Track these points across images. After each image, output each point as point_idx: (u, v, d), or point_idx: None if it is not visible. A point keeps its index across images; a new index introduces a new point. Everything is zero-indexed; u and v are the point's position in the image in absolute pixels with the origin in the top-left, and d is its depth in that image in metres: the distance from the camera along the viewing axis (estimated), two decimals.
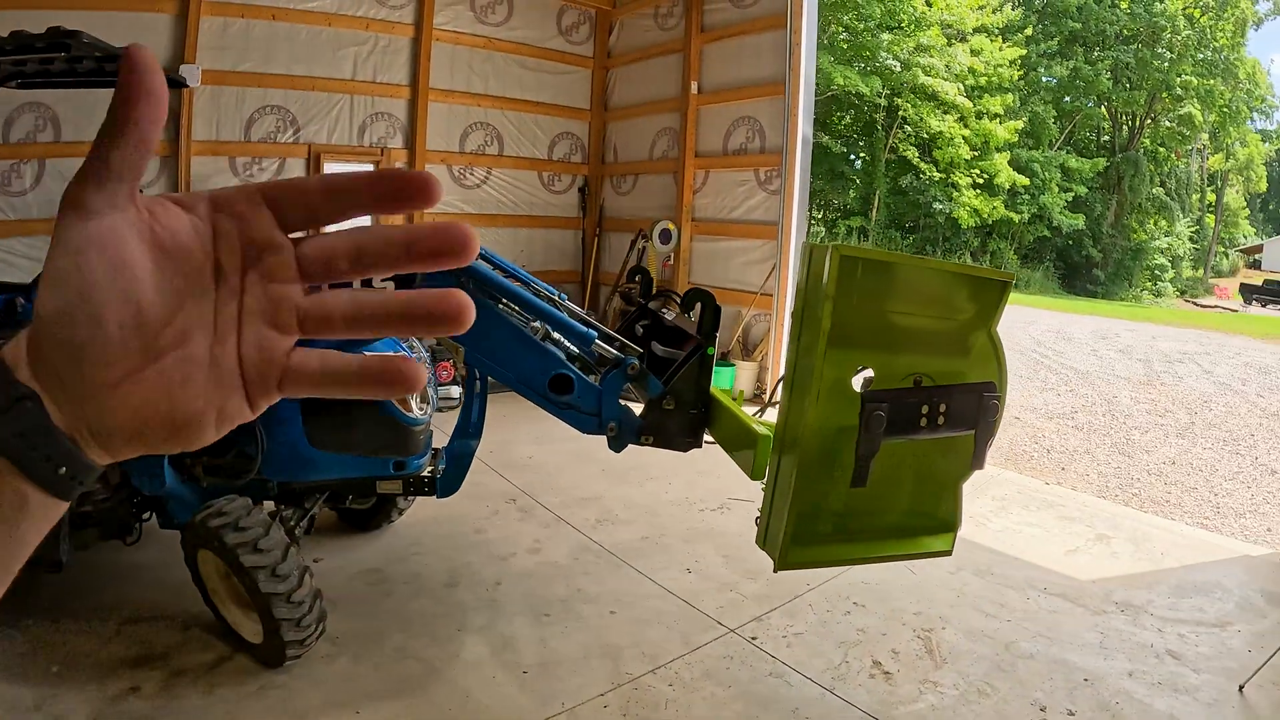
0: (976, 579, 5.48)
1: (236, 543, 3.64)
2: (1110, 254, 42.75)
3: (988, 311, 3.06)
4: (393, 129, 10.34)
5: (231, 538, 3.65)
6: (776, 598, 4.97)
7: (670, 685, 4.03)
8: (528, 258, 11.47)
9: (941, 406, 2.96)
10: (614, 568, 5.33)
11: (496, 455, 7.26)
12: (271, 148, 9.49)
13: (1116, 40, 41.29)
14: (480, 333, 3.59)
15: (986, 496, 7.18)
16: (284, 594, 3.66)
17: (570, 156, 12.01)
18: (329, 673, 3.94)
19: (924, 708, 3.98)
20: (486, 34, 10.95)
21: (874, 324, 2.92)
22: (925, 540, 3.35)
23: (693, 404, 3.54)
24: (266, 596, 3.64)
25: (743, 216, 9.78)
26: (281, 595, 3.66)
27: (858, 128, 40.37)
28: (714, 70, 10.24)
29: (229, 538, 3.65)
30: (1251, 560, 6.21)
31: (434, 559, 5.30)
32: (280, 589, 3.65)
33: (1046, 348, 18.38)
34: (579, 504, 6.38)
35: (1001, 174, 37.66)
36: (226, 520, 3.71)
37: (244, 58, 9.11)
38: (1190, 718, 4.00)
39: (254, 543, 3.66)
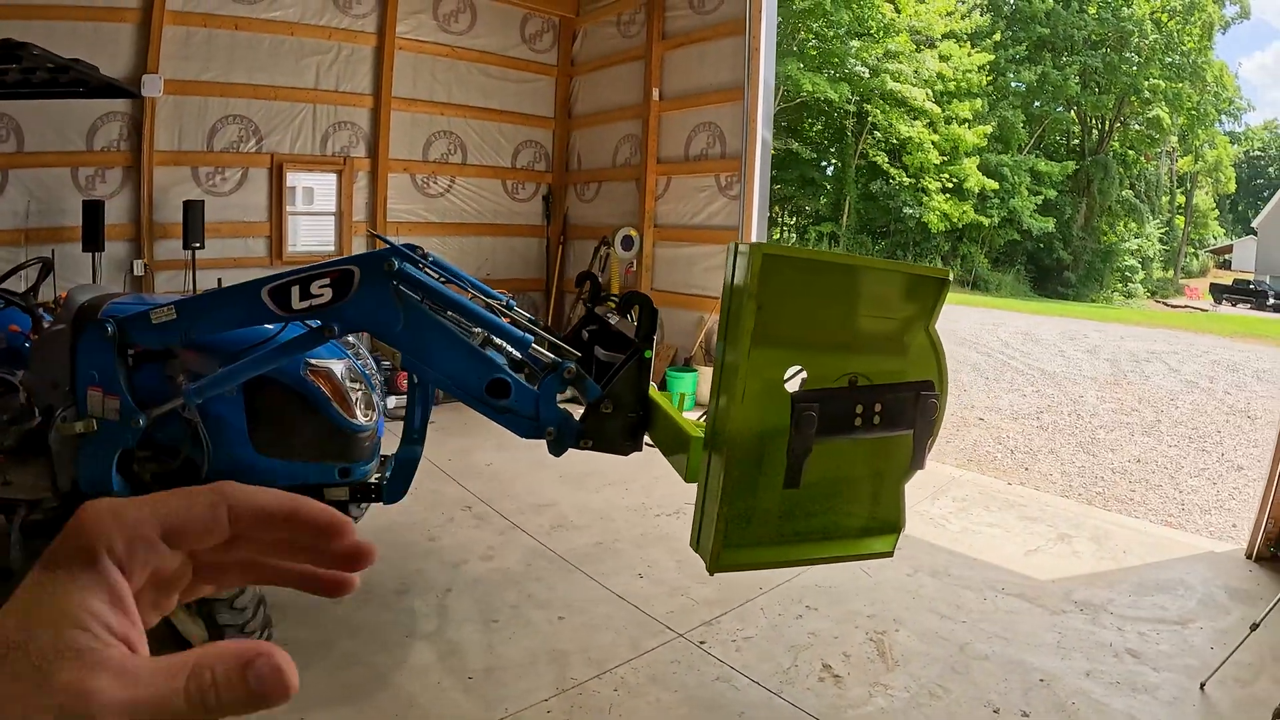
0: (933, 580, 5.47)
1: None
2: (1081, 256, 43.06)
3: (925, 310, 3.04)
4: (355, 138, 10.29)
5: None
6: (728, 602, 4.95)
7: (615, 690, 4.01)
8: (492, 266, 11.48)
9: (876, 406, 2.94)
10: (565, 573, 5.30)
11: (455, 463, 7.24)
12: (234, 157, 9.43)
13: (1084, 45, 41.61)
14: (415, 338, 3.58)
15: (947, 498, 7.18)
16: (226, 600, 3.64)
17: (534, 164, 11.98)
18: None
19: (873, 710, 3.96)
20: (449, 42, 10.91)
21: (804, 323, 2.89)
22: (866, 542, 3.32)
23: (631, 407, 3.53)
24: (209, 603, 3.61)
25: (704, 222, 9.78)
26: (224, 602, 3.64)
27: (828, 134, 40.60)
28: (675, 77, 10.26)
29: None
30: (1216, 557, 6.20)
31: (386, 566, 5.26)
32: (223, 595, 3.62)
33: (1014, 349, 18.44)
34: (534, 510, 6.36)
35: (971, 178, 37.94)
36: None
37: (206, 67, 9.05)
38: (1149, 717, 3.98)
39: None
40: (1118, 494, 8.80)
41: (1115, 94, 42.05)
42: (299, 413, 4.32)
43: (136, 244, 8.80)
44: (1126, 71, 40.76)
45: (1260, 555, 6.06)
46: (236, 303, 3.72)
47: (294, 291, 3.58)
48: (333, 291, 3.54)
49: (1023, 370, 15.90)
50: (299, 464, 4.40)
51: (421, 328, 3.56)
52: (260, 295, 3.60)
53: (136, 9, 8.44)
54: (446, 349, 3.58)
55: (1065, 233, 42.35)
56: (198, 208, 8.61)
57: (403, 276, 3.50)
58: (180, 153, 9.03)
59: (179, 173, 9.05)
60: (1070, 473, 9.45)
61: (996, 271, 42.02)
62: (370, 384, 4.61)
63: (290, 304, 3.58)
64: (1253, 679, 4.33)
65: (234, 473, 4.26)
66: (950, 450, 10.11)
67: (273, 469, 4.35)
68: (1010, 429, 11.35)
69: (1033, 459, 9.96)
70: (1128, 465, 9.91)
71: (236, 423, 4.24)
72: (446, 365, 3.60)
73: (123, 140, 8.65)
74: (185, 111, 9.01)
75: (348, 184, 10.21)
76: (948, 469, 8.54)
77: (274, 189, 9.67)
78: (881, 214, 39.94)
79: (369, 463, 4.64)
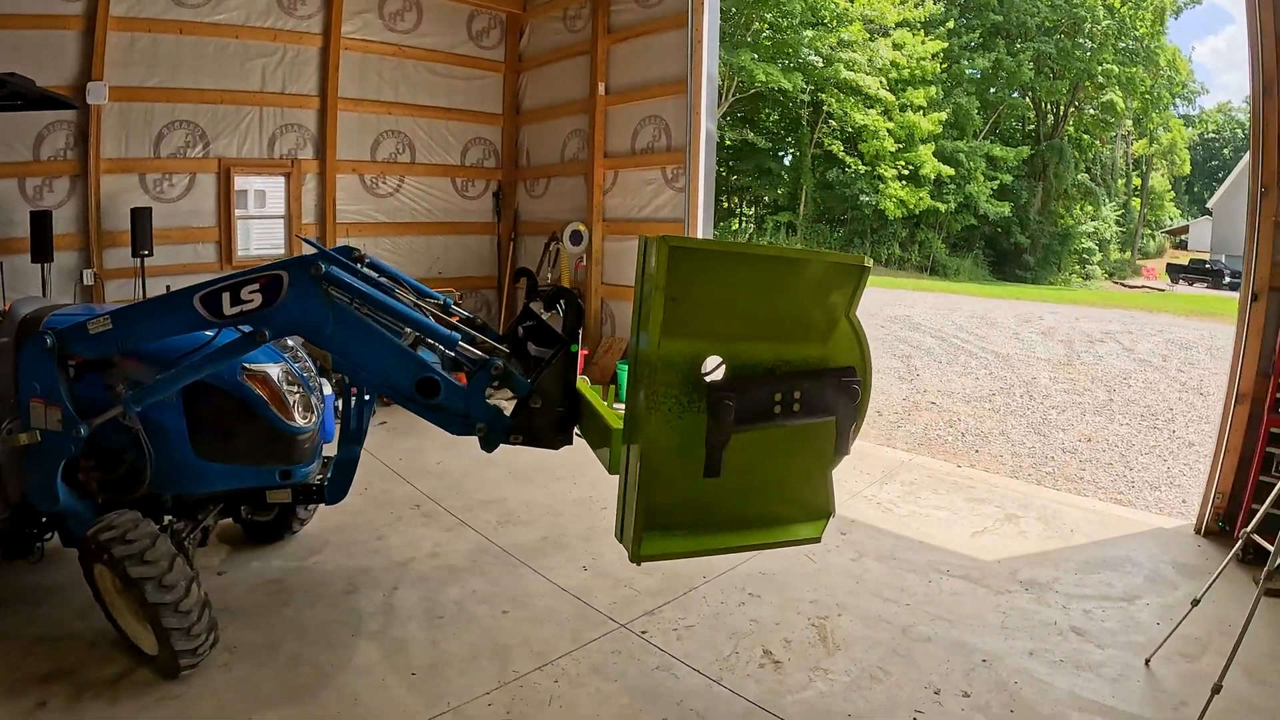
0: (878, 565, 5.52)
1: (123, 555, 3.65)
2: (1038, 240, 43.39)
3: (845, 297, 3.08)
4: (303, 140, 10.22)
5: (119, 550, 3.66)
6: (670, 592, 4.98)
7: (556, 681, 4.03)
8: (444, 265, 11.45)
9: (796, 394, 2.98)
10: (511, 568, 5.31)
11: (405, 462, 7.24)
12: (182, 163, 9.33)
13: (1038, 31, 41.84)
14: (344, 339, 3.61)
15: (895, 482, 7.24)
16: (171, 604, 3.67)
17: (483, 162, 11.93)
18: (226, 681, 3.92)
19: (813, 695, 4.00)
20: (396, 41, 10.84)
21: (721, 314, 2.91)
22: (794, 528, 3.36)
23: (558, 401, 3.56)
24: (154, 607, 3.65)
25: (651, 215, 9.78)
26: (169, 605, 3.66)
27: (784, 124, 40.77)
28: (621, 71, 10.25)
29: (116, 550, 3.66)
30: (1164, 533, 6.27)
31: (334, 567, 5.26)
32: (167, 599, 3.66)
33: (968, 333, 18.54)
34: (482, 507, 6.36)
35: (927, 165, 38.22)
36: (115, 534, 3.72)
37: (152, 73, 8.94)
38: (1093, 694, 4.03)
39: (141, 554, 3.67)
40: (1068, 473, 8.90)
41: (1069, 79, 42.41)
42: (238, 417, 4.35)
43: (86, 253, 8.69)
44: (1080, 57, 41.06)
45: (1209, 530, 6.15)
46: (170, 311, 3.77)
47: (225, 298, 3.62)
48: (262, 296, 3.60)
49: (976, 353, 15.99)
50: (239, 467, 4.44)
51: (350, 329, 3.60)
52: (193, 302, 3.64)
53: (80, 16, 8.32)
54: (375, 349, 3.62)
55: (1022, 217, 42.67)
56: (145, 214, 8.51)
57: (330, 279, 3.53)
58: (127, 160, 8.92)
59: (126, 180, 8.94)
60: (1020, 454, 9.54)
61: (954, 257, 42.29)
62: (308, 386, 4.62)
63: (222, 310, 3.63)
64: (1199, 654, 4.40)
65: (177, 478, 4.30)
66: (900, 435, 10.20)
67: (214, 473, 4.38)
68: (962, 411, 11.45)
69: (983, 441, 10.05)
70: (1078, 444, 10.02)
71: (177, 429, 4.26)
72: (375, 365, 3.64)
73: (69, 149, 8.54)
74: (131, 118, 8.90)
75: (296, 186, 10.14)
76: (897, 453, 8.62)
77: (222, 193, 9.59)
78: (838, 202, 40.10)
79: (310, 464, 4.68)
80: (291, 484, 4.60)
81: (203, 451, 4.32)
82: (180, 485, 4.38)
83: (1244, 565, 5.26)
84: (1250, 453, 5.88)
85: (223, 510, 4.84)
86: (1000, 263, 43.72)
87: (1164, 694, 4.07)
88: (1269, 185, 5.77)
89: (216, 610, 4.03)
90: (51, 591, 4.66)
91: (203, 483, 4.41)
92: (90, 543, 3.75)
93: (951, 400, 12.13)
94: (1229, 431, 6.09)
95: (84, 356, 3.97)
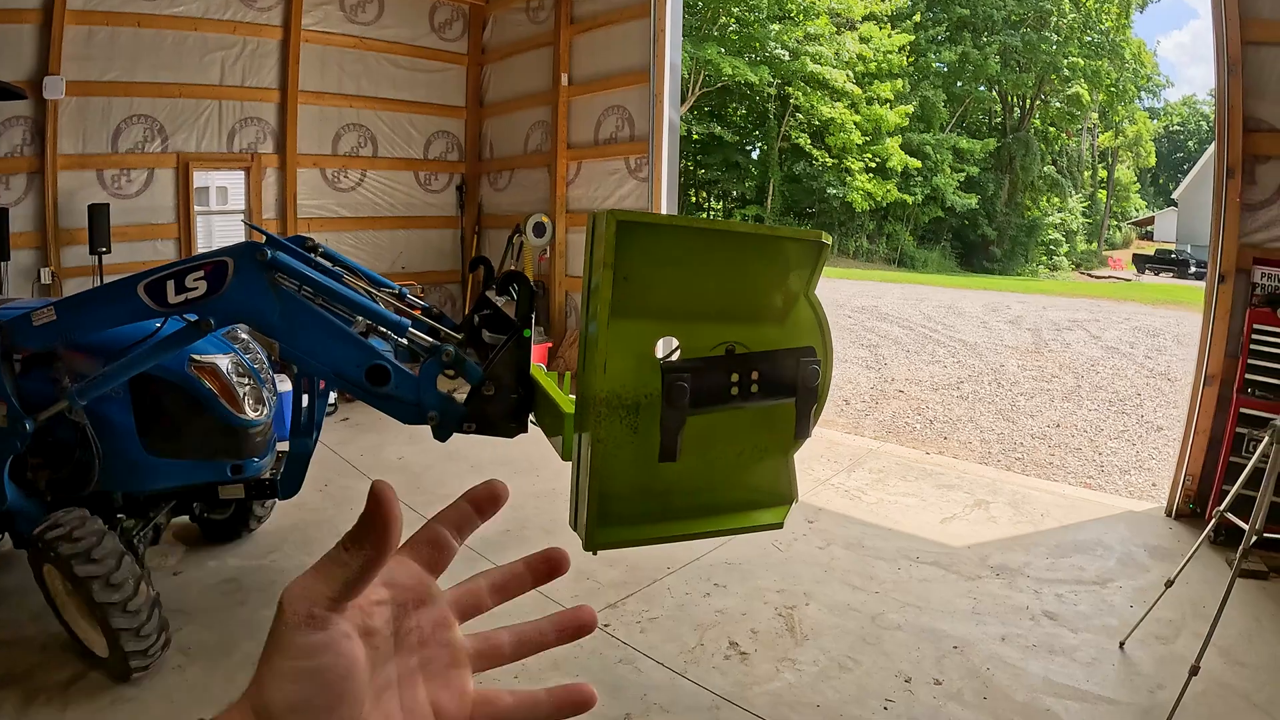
0: (846, 552, 5.47)
1: (70, 554, 3.55)
2: (1005, 231, 43.69)
3: (804, 275, 3.01)
4: (263, 134, 10.07)
5: (65, 549, 3.57)
6: (634, 583, 4.91)
7: (516, 677, 3.91)
8: (407, 260, 11.31)
9: (754, 375, 2.90)
10: (470, 564, 5.08)
11: (366, 458, 7.13)
12: (140, 158, 9.16)
13: (1004, 25, 42.14)
14: (291, 327, 3.49)
15: (864, 469, 7.20)
16: (119, 603, 3.58)
17: (447, 155, 11.80)
18: (179, 683, 3.85)
19: (780, 686, 3.94)
20: (357, 33, 10.70)
21: (674, 293, 2.82)
22: (755, 514, 3.26)
23: (512, 388, 3.47)
24: (102, 606, 3.56)
25: (615, 206, 9.59)
26: (117, 605, 3.58)
27: (752, 118, 40.92)
28: (584, 61, 10.16)
29: (63, 549, 3.57)
30: (1135, 516, 6.28)
31: (291, 565, 5.14)
32: (115, 598, 3.57)
33: (936, 322, 18.62)
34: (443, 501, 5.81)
35: (894, 157, 38.51)
36: (61, 532, 3.62)
37: (109, 66, 8.77)
38: (1067, 679, 4.00)
39: (87, 553, 3.57)
40: (1037, 459, 8.90)
41: (1035, 72, 42.74)
42: (186, 411, 4.26)
43: (43, 251, 8.52)
44: (1046, 50, 41.40)
45: (1180, 512, 6.18)
46: (114, 300, 3.65)
47: (169, 286, 3.51)
48: (208, 284, 3.49)
49: (944, 342, 16.05)
50: (189, 462, 4.34)
51: (297, 316, 3.49)
52: (136, 290, 3.53)
53: (37, 9, 8.14)
54: (323, 337, 3.51)
55: (989, 209, 42.98)
56: (103, 211, 8.35)
57: (277, 265, 3.43)
58: (85, 156, 8.75)
59: (84, 176, 8.77)
60: (989, 440, 9.54)
61: (922, 249, 42.57)
62: (259, 379, 4.51)
63: (167, 298, 3.52)
64: (1173, 636, 4.38)
65: (126, 474, 4.21)
66: (869, 423, 10.17)
67: (163, 469, 4.30)
68: (930, 399, 11.44)
69: (952, 428, 10.04)
70: (1047, 430, 10.04)
71: (125, 423, 4.17)
72: (324, 353, 3.53)
73: (26, 145, 8.36)
74: (89, 113, 8.73)
75: (256, 181, 9.99)
76: (865, 441, 8.59)
77: (181, 189, 9.43)
78: (806, 195, 40.34)
79: (263, 458, 4.57)
80: (243, 479, 4.48)
81: (151, 447, 4.22)
82: (129, 482, 4.27)
83: (1216, 547, 5.27)
84: (1220, 434, 5.90)
85: (176, 507, 4.72)
86: (968, 254, 44.02)
87: (1139, 677, 4.05)
88: (1234, 167, 5.78)
89: (171, 611, 3.97)
90: (3, 595, 4.56)
91: (152, 479, 4.30)
92: (37, 542, 3.65)
93: (920, 388, 12.12)
94: (1198, 413, 6.11)
95: (29, 349, 3.85)
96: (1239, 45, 5.68)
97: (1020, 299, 24.49)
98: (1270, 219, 5.80)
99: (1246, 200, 5.83)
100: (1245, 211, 5.84)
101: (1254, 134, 5.78)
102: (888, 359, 14.35)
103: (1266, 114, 5.74)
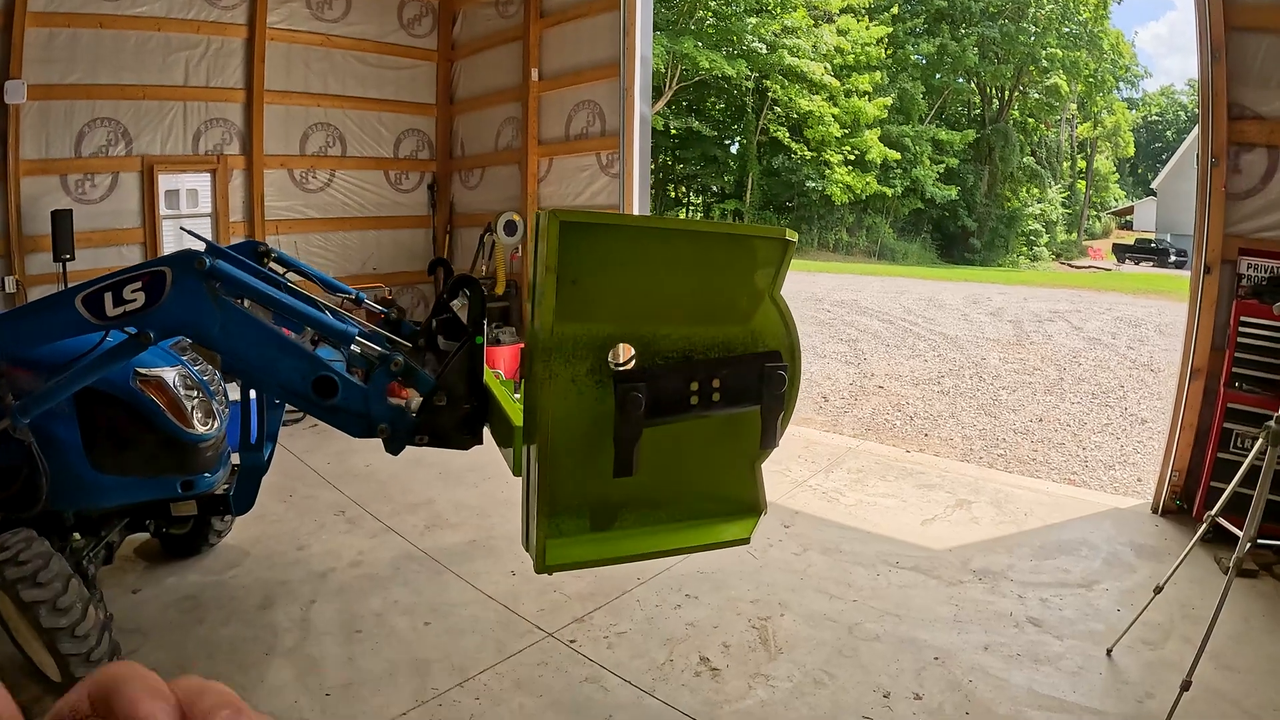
0: (823, 558, 5.33)
1: (15, 577, 3.44)
2: (985, 223, 43.84)
3: (769, 274, 2.85)
4: (229, 135, 9.88)
5: (11, 572, 3.45)
6: (601, 595, 4.76)
7: (477, 698, 3.80)
8: (378, 260, 11.13)
9: (715, 382, 2.75)
10: (435, 575, 5.07)
11: (332, 466, 6.96)
12: (104, 162, 8.96)
13: (982, 16, 42.30)
14: (233, 339, 3.35)
15: (842, 469, 7.07)
16: (67, 628, 3.46)
17: (417, 153, 11.61)
18: None
19: (752, 704, 3.80)
20: (324, 31, 10.51)
21: (626, 295, 2.67)
22: (720, 528, 3.11)
23: (465, 398, 3.33)
24: (50, 631, 3.44)
25: (587, 202, 9.52)
26: (64, 630, 3.46)
27: (730, 112, 41.04)
28: (554, 56, 10.00)
29: (9, 573, 3.45)
30: (1120, 513, 6.16)
31: (251, 580, 4.99)
32: (62, 623, 3.46)
33: (916, 315, 18.56)
34: (409, 510, 6.11)
35: (873, 150, 38.67)
36: (7, 555, 3.50)
37: (71, 69, 8.56)
38: (1052, 689, 3.87)
39: (33, 576, 3.45)
40: (1020, 455, 8.80)
41: (1014, 63, 42.98)
42: (132, 426, 4.14)
43: (7, 259, 8.32)
44: (1024, 41, 41.66)
45: (1166, 509, 6.06)
46: (52, 314, 3.51)
47: (107, 298, 3.37)
48: (146, 295, 3.35)
49: (925, 336, 15.98)
50: (138, 480, 4.23)
51: (238, 328, 3.36)
52: (74, 304, 3.39)
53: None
54: (266, 349, 3.38)
55: (969, 200, 43.15)
56: (66, 217, 8.15)
57: (216, 274, 3.27)
58: (48, 160, 8.55)
59: (47, 182, 8.57)
60: (971, 436, 9.44)
61: (902, 241, 42.68)
62: (208, 391, 4.36)
63: (105, 311, 3.39)
64: (1162, 640, 4.26)
65: (73, 492, 4.08)
66: (847, 420, 10.07)
67: (112, 486, 4.18)
68: (910, 395, 11.33)
69: (933, 424, 9.93)
70: (1030, 425, 9.95)
71: (71, 440, 4.05)
72: (267, 365, 3.40)
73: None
74: (51, 117, 8.53)
75: (222, 183, 9.80)
76: (844, 439, 8.47)
77: (146, 193, 9.24)
78: (784, 189, 40.40)
79: (215, 473, 4.43)
80: (194, 495, 4.34)
81: (99, 464, 4.09)
82: (78, 500, 4.14)
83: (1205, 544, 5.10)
84: (1206, 429, 5.78)
85: (129, 525, 4.60)
86: (948, 246, 44.17)
87: (1127, 685, 3.93)
88: (1219, 155, 5.67)
89: (127, 631, 3.91)
90: None
91: (101, 497, 4.18)
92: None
93: (900, 383, 12.02)
94: (1184, 408, 6.01)
95: None
96: (1223, 30, 5.56)
97: (1001, 290, 24.51)
98: (1256, 208, 5.68)
99: (1231, 189, 5.71)
100: (1230, 201, 5.72)
101: (1239, 121, 5.65)
102: (867, 354, 14.27)
103: (1251, 100, 5.62)
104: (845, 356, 14.01)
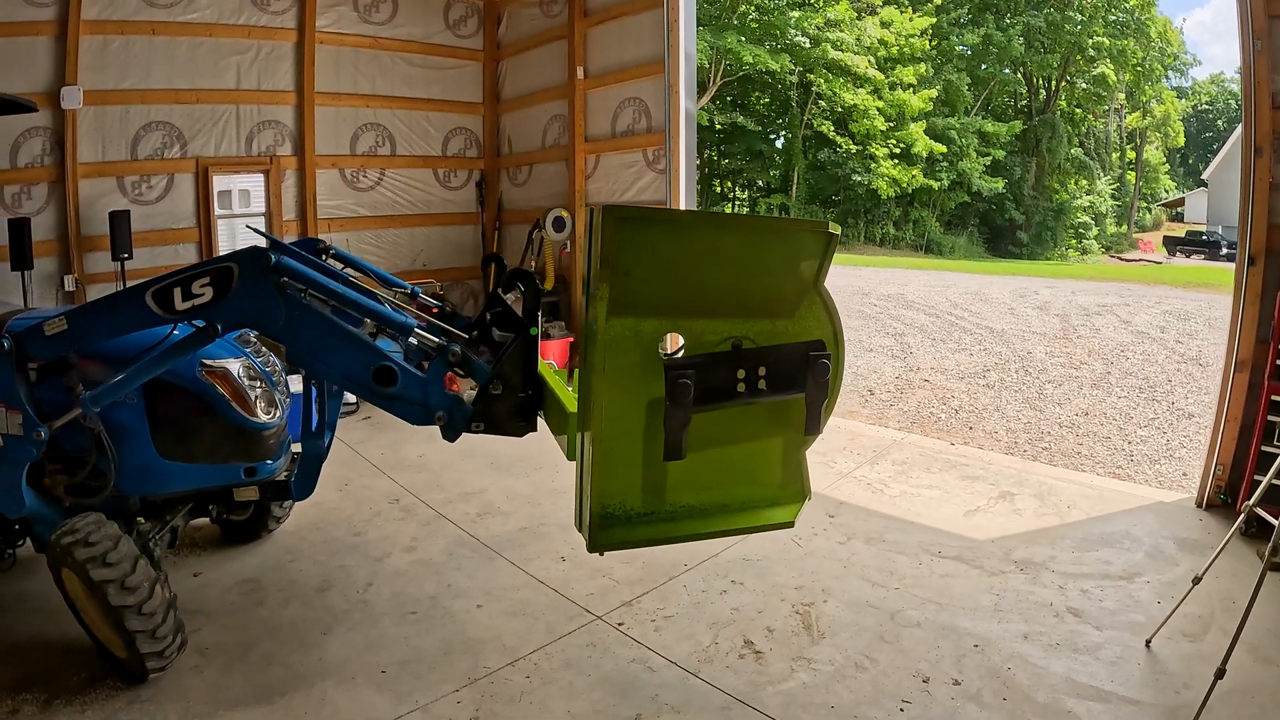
0: (866, 547, 5.39)
1: (85, 558, 3.58)
2: (1033, 215, 43.39)
3: (813, 265, 2.95)
4: (281, 136, 10.08)
5: (81, 553, 3.59)
6: (650, 580, 4.87)
7: (528, 677, 3.92)
8: (427, 257, 11.29)
9: (761, 370, 2.85)
10: (487, 561, 5.21)
11: (386, 456, 7.13)
12: (159, 164, 9.18)
13: (1027, 5, 41.83)
14: (298, 331, 3.53)
15: (886, 461, 7.12)
16: (134, 606, 3.60)
17: (465, 151, 11.77)
18: (196, 684, 3.86)
19: (794, 686, 3.88)
20: (371, 33, 10.68)
21: (676, 287, 2.78)
22: (766, 513, 3.21)
23: (520, 387, 3.47)
24: (118, 610, 3.58)
25: (634, 198, 9.61)
26: (132, 607, 3.60)
27: (774, 106, 40.89)
28: (599, 54, 10.10)
29: (79, 554, 3.59)
30: (1164, 507, 6.11)
31: (309, 565, 5.16)
32: (130, 601, 3.59)
33: (963, 309, 18.44)
34: (462, 499, 6.24)
35: (918, 143, 38.36)
36: (77, 537, 3.65)
37: (126, 75, 8.79)
38: (1090, 678, 3.90)
39: (103, 557, 3.59)
40: (1064, 448, 8.77)
41: (1060, 53, 42.44)
42: (199, 415, 4.29)
43: (66, 259, 8.56)
44: (1070, 30, 41.13)
45: (1210, 503, 6.00)
46: (123, 309, 3.70)
47: (176, 293, 3.55)
48: (214, 290, 3.53)
49: (971, 330, 15.89)
50: (203, 466, 4.38)
51: (302, 321, 3.54)
52: (145, 299, 3.58)
53: (52, 21, 8.16)
54: (329, 340, 3.55)
55: (1016, 193, 42.72)
56: (124, 218, 8.37)
57: (282, 269, 3.44)
58: (104, 164, 8.78)
59: (104, 184, 8.81)
60: (1015, 429, 9.41)
61: (949, 234, 42.33)
62: (271, 381, 4.52)
63: (174, 306, 3.56)
64: (1201, 633, 4.26)
65: (141, 478, 4.24)
66: (893, 413, 10.08)
67: (178, 472, 4.33)
68: (956, 389, 11.31)
69: (978, 417, 9.92)
70: (1075, 419, 9.89)
71: (139, 428, 4.20)
72: (330, 356, 3.56)
73: (46, 155, 8.39)
74: (107, 121, 8.76)
75: (275, 183, 10.00)
76: (889, 432, 8.51)
77: (201, 193, 9.46)
78: (830, 183, 40.23)
79: (276, 460, 4.61)
80: (257, 481, 4.51)
81: (165, 451, 4.24)
82: (145, 486, 4.30)
83: (1247, 539, 5.10)
84: (1251, 422, 5.71)
85: (192, 510, 4.75)
86: (995, 239, 43.74)
87: (1165, 676, 3.93)
88: (1262, 146, 5.61)
89: (190, 612, 4.02)
90: (24, 598, 4.60)
91: (167, 483, 4.33)
92: (54, 547, 3.69)
93: (945, 377, 11.99)
94: (1229, 401, 5.92)
95: (42, 359, 3.88)
96: (1264, 18, 5.49)
97: (1049, 284, 24.21)
98: None
99: (1276, 180, 5.66)
100: (1275, 191, 5.66)
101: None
102: (913, 347, 14.23)
103: None
104: (891, 350, 13.99)
